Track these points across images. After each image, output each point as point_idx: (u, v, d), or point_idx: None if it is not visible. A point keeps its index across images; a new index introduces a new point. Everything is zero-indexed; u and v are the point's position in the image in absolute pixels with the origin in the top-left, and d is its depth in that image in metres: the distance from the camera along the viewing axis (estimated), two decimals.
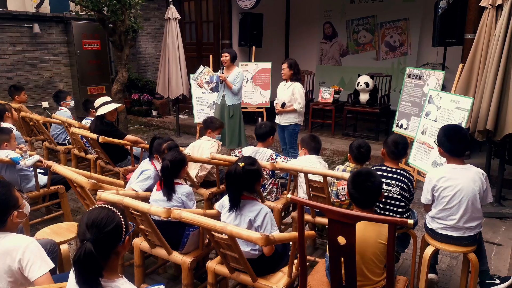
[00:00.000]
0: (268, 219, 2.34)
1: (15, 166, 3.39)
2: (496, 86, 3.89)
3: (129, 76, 8.08)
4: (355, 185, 2.09)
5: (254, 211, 2.35)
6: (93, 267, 1.37)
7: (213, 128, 4.14)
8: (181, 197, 2.71)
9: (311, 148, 3.32)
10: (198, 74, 5.55)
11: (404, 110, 5.24)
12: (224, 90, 5.33)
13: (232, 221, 2.39)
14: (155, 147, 3.24)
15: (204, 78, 5.48)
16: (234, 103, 5.35)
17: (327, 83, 8.47)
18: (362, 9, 8.15)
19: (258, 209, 2.35)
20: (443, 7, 5.26)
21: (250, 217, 2.33)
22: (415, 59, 7.64)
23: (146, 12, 8.82)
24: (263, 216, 2.33)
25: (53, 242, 2.46)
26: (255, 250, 2.35)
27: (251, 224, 2.33)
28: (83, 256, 1.35)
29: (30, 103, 7.14)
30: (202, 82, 5.50)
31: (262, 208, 2.37)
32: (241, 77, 5.32)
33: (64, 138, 5.19)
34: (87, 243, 1.38)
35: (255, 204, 2.39)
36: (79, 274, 1.38)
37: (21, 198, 2.07)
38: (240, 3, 7.34)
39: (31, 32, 7.62)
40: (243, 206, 2.38)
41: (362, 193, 2.07)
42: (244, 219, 2.36)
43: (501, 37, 3.87)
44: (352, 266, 1.87)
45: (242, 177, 2.34)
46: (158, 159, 3.16)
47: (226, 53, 5.30)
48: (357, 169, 3.11)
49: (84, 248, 1.36)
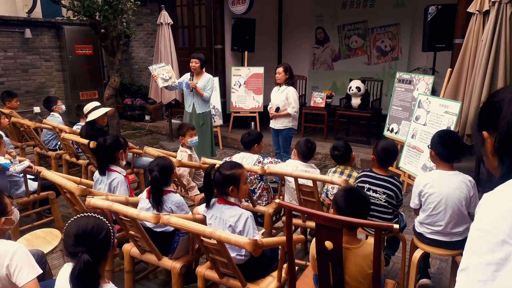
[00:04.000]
0: (250, 223, 2.33)
1: (5, 172, 3.38)
2: (484, 90, 3.95)
3: (122, 81, 8.07)
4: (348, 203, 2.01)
5: (234, 216, 2.34)
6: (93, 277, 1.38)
7: (181, 134, 3.99)
8: (171, 206, 2.68)
9: (300, 153, 3.32)
10: (158, 67, 5.23)
11: (395, 114, 5.29)
12: (194, 97, 5.15)
13: (216, 225, 2.38)
14: (116, 144, 3.13)
15: (162, 74, 5.13)
16: (205, 110, 5.23)
17: (320, 88, 8.52)
18: (354, 15, 8.23)
19: (238, 214, 2.34)
20: (432, 12, 5.33)
21: (230, 223, 2.33)
22: (406, 63, 7.72)
23: (138, 17, 8.83)
24: (244, 221, 2.32)
25: (41, 253, 2.43)
26: (241, 256, 2.36)
27: (232, 229, 2.32)
28: (83, 269, 1.35)
29: (21, 109, 7.10)
30: (158, 76, 5.10)
31: (243, 213, 2.35)
32: (211, 83, 5.15)
33: (55, 144, 5.16)
34: (83, 255, 1.38)
35: (235, 209, 2.38)
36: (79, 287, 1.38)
37: (10, 205, 2.06)
38: (232, 8, 7.38)
39: (22, 37, 7.59)
40: (223, 211, 2.38)
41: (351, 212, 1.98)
42: (226, 224, 2.35)
43: (488, 42, 3.93)
44: (339, 270, 1.89)
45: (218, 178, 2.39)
46: (122, 155, 3.14)
47: (196, 58, 5.05)
48: (347, 171, 3.16)
49: (82, 261, 1.36)
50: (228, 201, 2.40)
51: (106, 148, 3.05)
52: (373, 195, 2.74)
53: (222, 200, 2.41)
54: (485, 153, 1.03)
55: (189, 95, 5.20)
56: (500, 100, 0.99)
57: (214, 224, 2.40)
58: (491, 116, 0.99)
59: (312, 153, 3.36)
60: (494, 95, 1.04)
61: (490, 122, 0.99)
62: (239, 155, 3.71)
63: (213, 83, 5.29)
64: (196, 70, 5.07)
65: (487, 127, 1.01)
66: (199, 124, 5.18)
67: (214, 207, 2.44)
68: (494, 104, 1.00)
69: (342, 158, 3.18)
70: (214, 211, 2.43)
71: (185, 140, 3.96)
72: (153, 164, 2.74)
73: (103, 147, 3.05)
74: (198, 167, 3.60)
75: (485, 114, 1.04)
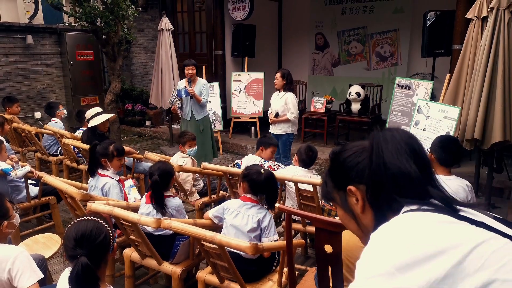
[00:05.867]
0: (273, 222, 2.53)
1: (6, 177, 3.39)
2: (483, 95, 3.96)
3: (123, 86, 8.11)
4: None
5: (261, 213, 2.51)
6: (91, 280, 1.38)
7: (182, 142, 4.03)
8: (170, 211, 2.70)
9: (301, 160, 3.34)
10: (173, 98, 5.33)
11: (395, 120, 5.31)
12: (192, 105, 5.14)
13: (239, 221, 2.49)
14: (101, 152, 3.15)
15: (177, 103, 5.26)
16: (203, 116, 5.24)
17: (319, 93, 8.55)
18: (353, 20, 8.28)
19: (265, 212, 2.53)
20: (431, 18, 5.37)
21: (259, 217, 2.48)
22: (405, 69, 7.75)
23: (139, 23, 8.89)
24: (269, 219, 2.51)
25: (41, 257, 2.44)
26: None
27: (258, 223, 2.47)
28: (81, 271, 1.36)
29: (22, 114, 7.13)
30: (176, 107, 5.29)
31: (267, 212, 2.54)
32: (207, 88, 5.17)
33: (56, 149, 5.18)
34: (81, 257, 1.39)
35: (261, 208, 2.55)
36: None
37: (12, 208, 2.08)
38: (232, 14, 7.43)
39: (24, 43, 7.64)
40: (250, 207, 2.53)
41: None
42: (253, 219, 2.48)
43: (486, 48, 3.95)
44: (339, 274, 1.90)
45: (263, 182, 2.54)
46: (106, 163, 3.14)
47: (192, 65, 5.07)
48: None
49: (80, 263, 1.37)
50: (253, 199, 2.55)
51: (92, 152, 3.15)
52: None
53: (246, 198, 2.56)
54: (355, 212, 0.98)
55: (187, 103, 5.21)
56: (353, 153, 0.97)
57: (237, 219, 2.51)
58: (350, 169, 0.96)
59: (313, 161, 3.40)
60: (340, 153, 1.01)
61: (350, 176, 0.96)
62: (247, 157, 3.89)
63: (208, 88, 5.34)
64: (193, 76, 5.10)
65: (347, 182, 0.97)
66: (199, 130, 5.20)
67: (236, 204, 2.57)
68: (349, 158, 0.98)
69: None
70: (237, 207, 2.55)
71: (184, 149, 4.02)
72: (154, 168, 2.77)
73: (91, 151, 3.16)
74: (199, 172, 3.61)
75: (341, 170, 1.00)
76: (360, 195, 0.95)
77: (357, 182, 0.95)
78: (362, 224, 0.99)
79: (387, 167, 0.89)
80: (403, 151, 0.90)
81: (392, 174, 0.88)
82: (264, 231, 2.48)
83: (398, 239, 0.80)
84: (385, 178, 0.89)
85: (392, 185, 0.88)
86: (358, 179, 0.95)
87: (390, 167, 0.89)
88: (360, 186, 0.95)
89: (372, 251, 0.82)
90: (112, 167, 3.16)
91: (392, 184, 0.88)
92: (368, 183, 0.92)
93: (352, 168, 0.97)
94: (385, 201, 0.90)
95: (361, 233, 1.01)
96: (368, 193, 0.93)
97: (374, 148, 0.91)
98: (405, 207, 0.88)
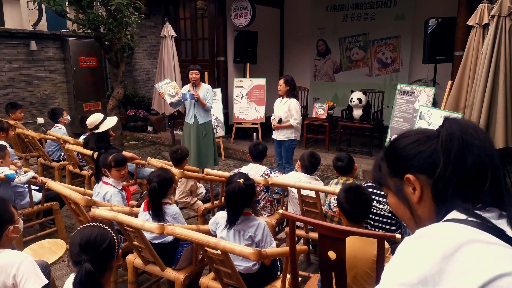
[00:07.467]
0: (267, 231, 2.42)
1: (10, 183, 3.40)
2: (485, 102, 3.98)
3: (125, 92, 8.14)
4: (347, 198, 2.13)
5: (252, 227, 2.39)
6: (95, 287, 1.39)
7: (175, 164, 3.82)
8: (167, 218, 2.68)
9: (303, 166, 3.35)
10: (164, 84, 5.33)
11: (397, 126, 5.32)
12: (196, 109, 5.15)
13: (231, 239, 2.40)
14: (101, 161, 3.24)
15: (168, 90, 5.23)
16: (206, 120, 5.23)
17: (321, 99, 8.58)
18: (354, 27, 8.32)
19: (256, 224, 2.40)
20: (432, 25, 5.40)
21: (250, 234, 2.37)
22: (407, 75, 7.78)
23: (142, 30, 8.95)
24: (262, 230, 2.39)
25: (45, 264, 2.44)
26: (255, 265, 2.38)
27: (252, 240, 2.37)
28: (84, 277, 1.36)
29: (25, 120, 7.16)
30: (165, 93, 5.22)
31: (259, 222, 2.42)
32: (211, 93, 5.18)
33: (59, 155, 5.20)
34: (85, 264, 1.39)
35: (252, 219, 2.43)
36: None
37: (17, 213, 2.09)
38: (235, 21, 7.48)
39: (28, 50, 7.70)
40: (241, 222, 2.41)
41: (353, 207, 2.12)
42: (244, 236, 2.39)
43: (488, 54, 3.98)
44: (342, 281, 1.90)
45: (244, 193, 2.36)
46: (106, 173, 3.18)
47: (197, 70, 5.06)
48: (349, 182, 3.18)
49: (84, 269, 1.37)
50: (246, 211, 2.45)
51: (97, 160, 3.29)
52: (377, 205, 2.76)
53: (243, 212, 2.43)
54: (410, 202, 0.93)
55: (191, 106, 5.22)
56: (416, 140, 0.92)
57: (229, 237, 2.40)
58: (412, 157, 0.91)
59: (316, 168, 3.39)
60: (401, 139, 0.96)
61: (410, 164, 0.91)
62: (248, 166, 3.75)
63: (212, 92, 5.33)
64: (197, 81, 5.11)
65: (406, 170, 0.91)
66: (201, 135, 5.20)
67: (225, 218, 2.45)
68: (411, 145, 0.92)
69: (345, 169, 3.20)
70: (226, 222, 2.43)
71: None
72: (152, 175, 2.73)
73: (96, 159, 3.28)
74: (201, 178, 3.62)
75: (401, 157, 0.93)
76: (419, 185, 0.90)
77: (418, 172, 0.90)
78: (416, 215, 0.94)
79: (466, 162, 0.84)
80: (483, 148, 0.85)
81: (469, 171, 0.84)
82: (260, 245, 2.37)
83: (428, 250, 0.79)
84: (461, 173, 0.84)
85: (467, 182, 0.84)
86: (419, 168, 0.89)
87: (470, 163, 0.83)
88: (420, 175, 0.90)
89: (403, 257, 0.82)
90: (111, 177, 3.18)
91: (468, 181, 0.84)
92: (439, 175, 0.86)
93: (413, 156, 0.91)
94: (451, 197, 0.86)
95: (414, 223, 0.95)
96: (435, 185, 0.87)
97: (459, 141, 0.85)
98: (455, 211, 0.85)
